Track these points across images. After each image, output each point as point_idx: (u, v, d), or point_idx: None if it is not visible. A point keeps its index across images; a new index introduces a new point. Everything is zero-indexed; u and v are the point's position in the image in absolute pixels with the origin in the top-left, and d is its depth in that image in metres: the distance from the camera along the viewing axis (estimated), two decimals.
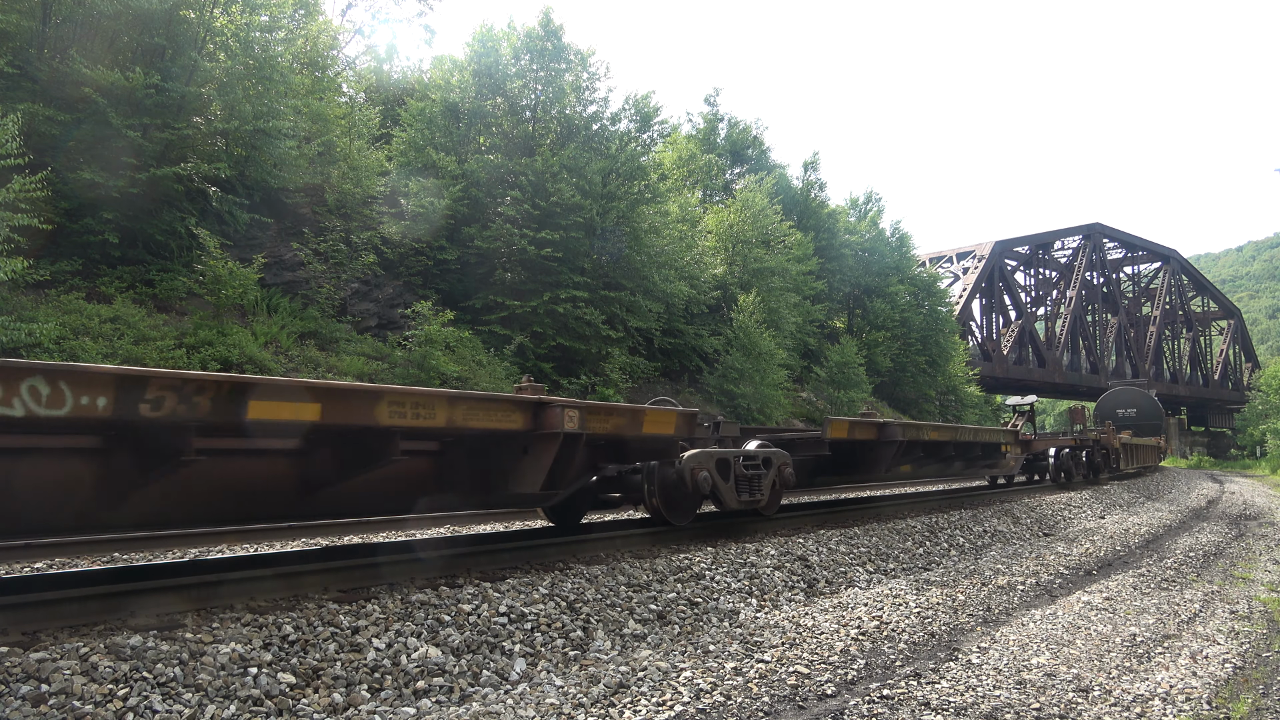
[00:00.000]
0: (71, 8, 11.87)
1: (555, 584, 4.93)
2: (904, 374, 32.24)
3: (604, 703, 3.58)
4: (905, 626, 5.16)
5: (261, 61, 13.88)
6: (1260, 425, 48.80)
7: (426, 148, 17.93)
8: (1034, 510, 12.00)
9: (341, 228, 15.50)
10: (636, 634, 4.70)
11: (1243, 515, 14.98)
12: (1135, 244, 63.67)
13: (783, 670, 4.17)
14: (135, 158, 11.88)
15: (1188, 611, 6.09)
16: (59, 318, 10.09)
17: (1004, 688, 4.01)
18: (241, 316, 12.88)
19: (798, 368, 26.28)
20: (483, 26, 19.25)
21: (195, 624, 3.69)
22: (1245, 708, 3.89)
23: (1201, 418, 68.44)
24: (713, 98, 34.17)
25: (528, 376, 6.13)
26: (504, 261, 17.63)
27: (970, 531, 9.43)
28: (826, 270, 30.22)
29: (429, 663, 3.80)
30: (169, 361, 10.46)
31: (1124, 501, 15.83)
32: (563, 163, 17.50)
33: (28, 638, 3.43)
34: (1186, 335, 67.19)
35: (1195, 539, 10.69)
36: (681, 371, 21.67)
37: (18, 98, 11.00)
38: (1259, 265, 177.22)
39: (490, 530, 7.91)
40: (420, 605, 4.23)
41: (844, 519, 8.93)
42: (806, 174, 33.08)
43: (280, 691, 3.34)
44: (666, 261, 19.90)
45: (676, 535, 7.02)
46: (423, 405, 4.54)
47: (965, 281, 49.11)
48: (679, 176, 28.27)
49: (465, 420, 4.79)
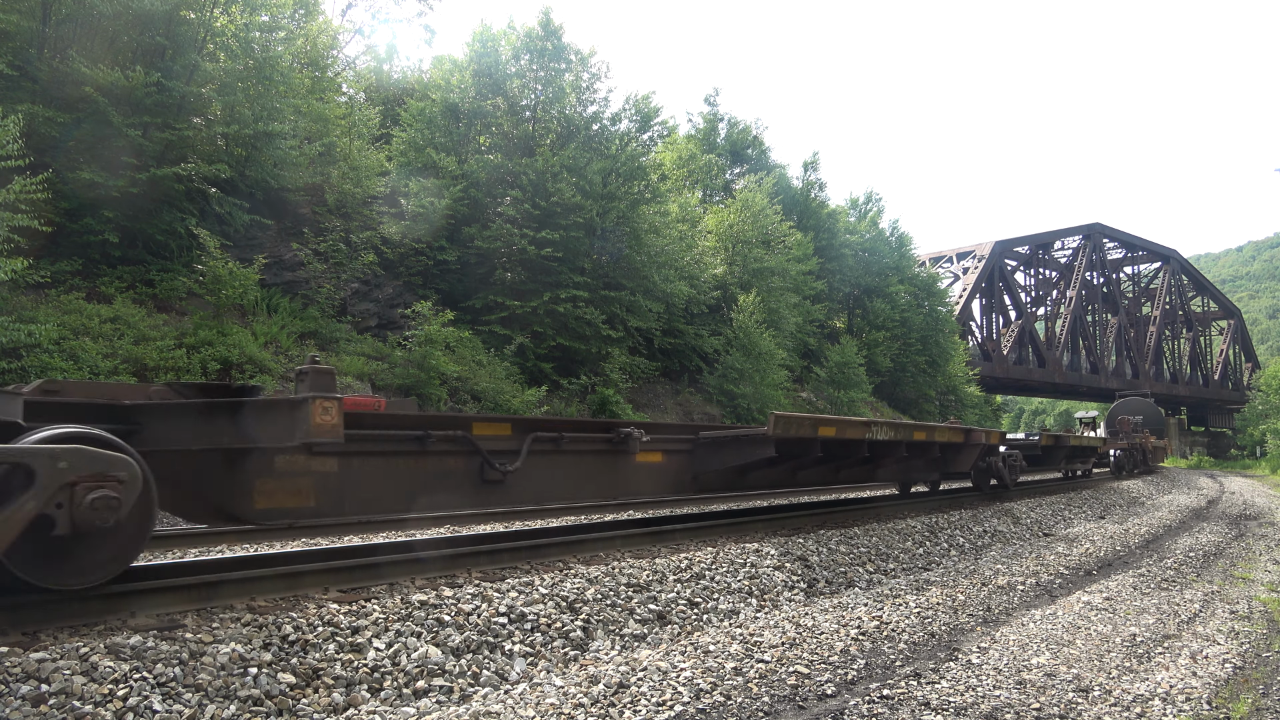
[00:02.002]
0: (71, 8, 11.87)
1: (555, 584, 4.93)
2: (904, 374, 32.26)
3: (604, 703, 3.58)
4: (905, 626, 5.16)
5: (261, 61, 13.88)
6: (1260, 425, 48.81)
7: (426, 148, 17.94)
8: (1034, 510, 12.00)
9: (341, 228, 15.51)
10: (636, 634, 4.70)
11: (1243, 515, 14.98)
12: (1135, 244, 63.66)
13: (783, 670, 4.17)
14: (135, 158, 11.88)
15: (1188, 611, 6.09)
16: (59, 318, 10.09)
17: (1004, 688, 4.01)
18: (241, 316, 12.88)
19: (798, 368, 26.29)
20: (482, 26, 19.27)
21: (195, 624, 3.69)
22: (1245, 708, 3.89)
23: (1201, 418, 68.43)
24: (712, 98, 34.24)
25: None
26: (504, 261, 17.64)
27: (970, 531, 9.43)
28: (826, 270, 30.24)
29: (429, 663, 3.80)
30: (169, 361, 10.45)
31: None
32: (563, 163, 17.51)
33: (28, 638, 3.43)
34: (1186, 335, 67.18)
35: (1195, 539, 10.69)
36: (681, 371, 21.68)
37: (18, 98, 11.00)
38: (1259, 265, 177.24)
39: (490, 530, 7.91)
40: (420, 605, 4.23)
41: (844, 519, 8.92)
42: (806, 174, 33.13)
43: (280, 691, 3.34)
44: (666, 261, 19.91)
45: (677, 535, 7.10)
46: (899, 430, 8.98)
47: (965, 281, 49.09)
48: (679, 177, 28.28)
49: (934, 437, 9.71)
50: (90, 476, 3.40)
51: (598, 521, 8.45)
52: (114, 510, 3.45)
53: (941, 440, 9.92)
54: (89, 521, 3.39)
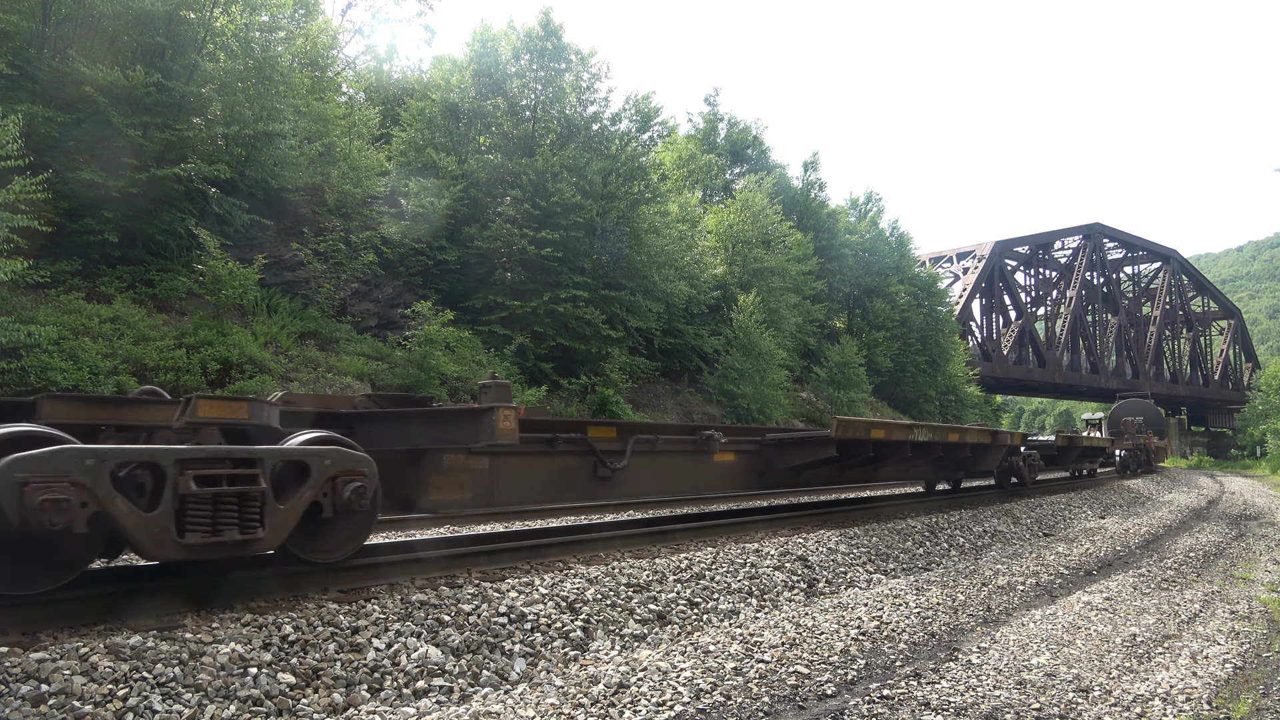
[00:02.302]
0: (71, 8, 11.86)
1: (555, 584, 4.93)
2: (904, 374, 32.24)
3: (604, 703, 3.58)
4: (905, 626, 5.16)
5: (261, 61, 13.87)
6: (1260, 425, 48.82)
7: (426, 148, 17.93)
8: (1034, 510, 12.00)
9: (341, 228, 15.50)
10: (636, 634, 4.70)
11: (1243, 515, 14.97)
12: (1135, 244, 63.65)
13: (783, 670, 4.17)
14: (135, 158, 11.87)
15: (1188, 612, 6.09)
16: (59, 318, 10.08)
17: (1004, 688, 4.01)
18: (241, 316, 12.88)
19: (798, 368, 26.27)
20: (482, 26, 19.25)
21: (195, 624, 3.68)
22: (1245, 708, 3.89)
23: (1201, 418, 68.43)
24: (712, 98, 34.19)
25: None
26: (504, 261, 17.63)
27: (970, 531, 9.43)
28: (826, 270, 30.22)
29: (429, 663, 3.80)
30: (169, 362, 10.45)
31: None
32: (563, 163, 17.50)
33: (28, 638, 3.43)
34: (1186, 335, 67.15)
35: (1195, 539, 10.69)
36: (681, 371, 21.67)
37: (18, 98, 10.99)
38: (1259, 265, 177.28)
39: (490, 530, 7.90)
40: (420, 605, 4.23)
41: (844, 519, 8.92)
42: (806, 174, 33.09)
43: (280, 691, 3.34)
44: (666, 261, 19.90)
45: (677, 535, 7.10)
46: (935, 432, 9.68)
47: (965, 281, 49.08)
48: (679, 177, 28.27)
49: (966, 439, 10.51)
50: (345, 472, 4.22)
51: (596, 522, 8.45)
52: (364, 498, 4.26)
53: (972, 441, 10.82)
54: (347, 507, 4.21)
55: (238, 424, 4.32)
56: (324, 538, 4.39)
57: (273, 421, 4.43)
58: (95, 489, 3.33)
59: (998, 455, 11.95)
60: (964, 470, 12.21)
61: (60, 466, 3.26)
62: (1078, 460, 18.41)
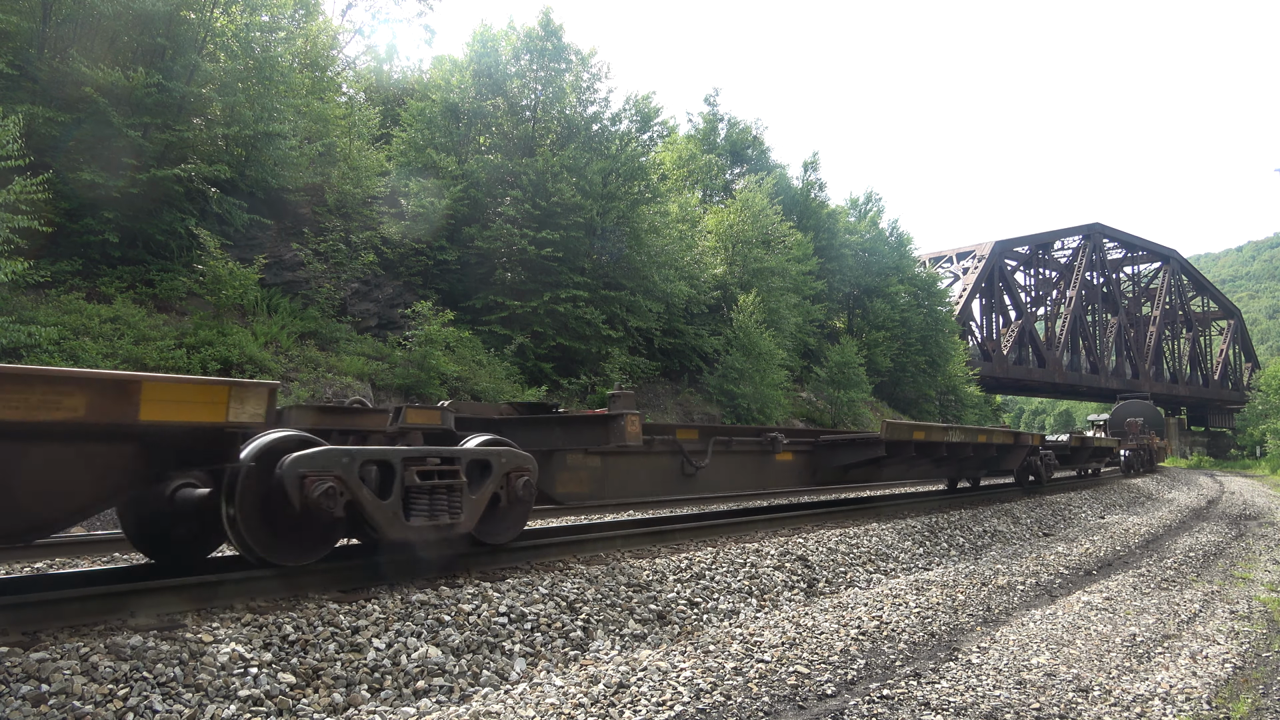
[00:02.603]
0: (71, 8, 11.87)
1: (555, 584, 4.93)
2: (904, 374, 32.24)
3: (604, 703, 3.58)
4: (905, 626, 5.16)
5: (261, 62, 13.88)
6: (1260, 425, 48.82)
7: (426, 148, 17.94)
8: (1034, 510, 12.00)
9: (341, 228, 15.50)
10: (636, 634, 4.70)
11: (1243, 515, 14.98)
12: (1135, 244, 63.66)
13: (783, 670, 4.17)
14: (135, 158, 11.88)
15: (1188, 611, 6.09)
16: (59, 318, 10.08)
17: (1004, 688, 4.01)
18: (241, 316, 12.88)
19: (798, 368, 26.27)
20: (483, 26, 19.26)
21: (195, 624, 3.69)
22: (1245, 708, 3.89)
23: (1201, 418, 68.45)
24: (712, 98, 34.19)
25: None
26: (504, 261, 17.63)
27: (970, 531, 9.43)
28: (826, 270, 30.22)
29: (429, 663, 3.80)
30: (169, 361, 10.45)
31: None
32: (563, 163, 17.50)
33: (28, 638, 3.43)
34: (1186, 335, 67.17)
35: (1195, 539, 10.69)
36: (681, 371, 21.67)
37: (18, 98, 10.99)
38: (1259, 265, 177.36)
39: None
40: (420, 605, 4.23)
41: (844, 519, 8.93)
42: (806, 174, 33.10)
43: (280, 691, 3.34)
44: (666, 261, 19.90)
45: (677, 535, 7.09)
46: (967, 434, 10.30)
47: (965, 281, 49.09)
48: (679, 177, 28.27)
49: (993, 440, 11.16)
50: (515, 468, 5.02)
51: (597, 522, 8.45)
52: (531, 491, 5.10)
53: (998, 442, 11.57)
54: (518, 498, 5.00)
55: (434, 429, 5.17)
56: (497, 522, 5.14)
57: (449, 426, 5.21)
58: (349, 481, 4.13)
59: (1019, 455, 12.59)
60: (987, 469, 12.70)
61: (326, 464, 4.07)
62: (1087, 460, 19.24)
